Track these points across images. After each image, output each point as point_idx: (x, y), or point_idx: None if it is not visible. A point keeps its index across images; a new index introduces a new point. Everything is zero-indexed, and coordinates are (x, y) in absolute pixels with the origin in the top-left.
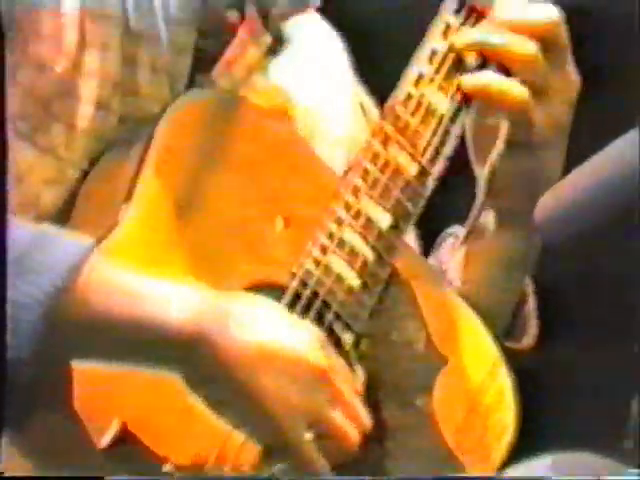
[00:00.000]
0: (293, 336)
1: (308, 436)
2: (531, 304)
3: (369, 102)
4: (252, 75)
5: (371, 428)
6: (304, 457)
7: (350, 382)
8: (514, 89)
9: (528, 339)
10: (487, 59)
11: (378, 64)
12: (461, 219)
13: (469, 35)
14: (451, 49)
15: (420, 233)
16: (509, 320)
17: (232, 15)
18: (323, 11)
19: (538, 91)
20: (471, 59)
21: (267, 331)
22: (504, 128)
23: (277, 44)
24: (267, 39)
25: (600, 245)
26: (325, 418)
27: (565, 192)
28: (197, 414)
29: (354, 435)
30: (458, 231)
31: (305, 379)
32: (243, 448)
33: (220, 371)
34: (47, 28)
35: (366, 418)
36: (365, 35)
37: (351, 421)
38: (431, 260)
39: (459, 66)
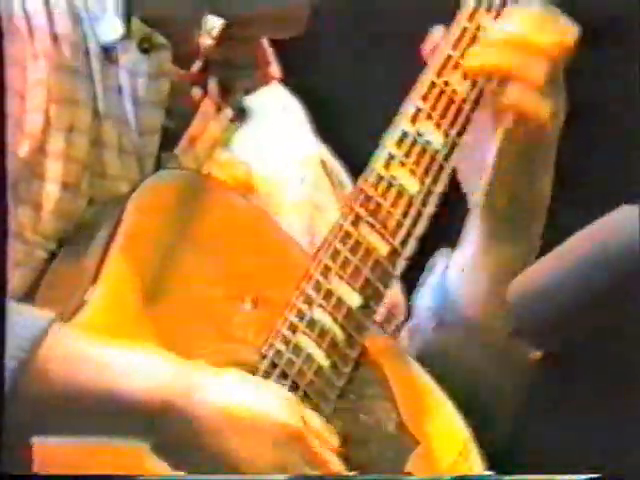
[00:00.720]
0: (261, 397)
1: None
2: None
3: (332, 161)
4: (215, 149)
5: None
6: None
7: (325, 439)
8: (543, 107)
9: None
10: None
11: (340, 130)
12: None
13: (481, 57)
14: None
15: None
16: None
17: (196, 92)
18: (285, 82)
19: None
20: (438, 139)
21: (234, 394)
22: (502, 139)
23: (239, 117)
24: (228, 113)
25: (571, 326)
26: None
27: (538, 274)
28: None
29: None
30: (447, 254)
31: (277, 439)
32: None
33: (189, 437)
34: (11, 112)
35: (343, 473)
36: (326, 104)
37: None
38: (424, 288)
39: (428, 149)
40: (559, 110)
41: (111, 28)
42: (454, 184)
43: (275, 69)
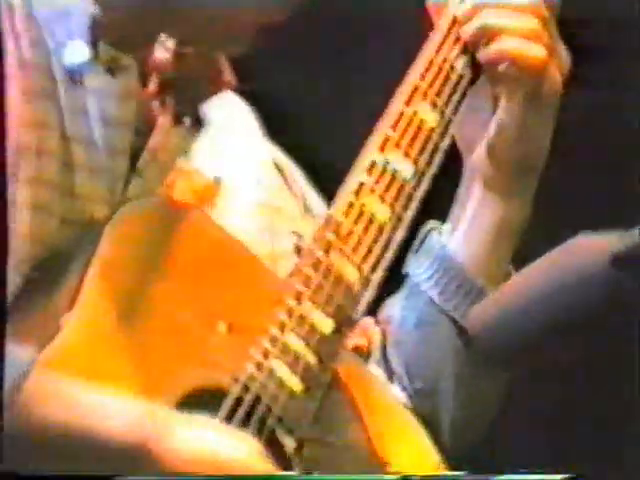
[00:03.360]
0: (230, 445)
1: None
2: None
3: (287, 163)
4: (176, 159)
5: None
6: None
7: None
8: (532, 49)
9: None
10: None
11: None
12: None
13: (477, 22)
14: (461, 38)
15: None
16: None
17: (155, 105)
18: (239, 90)
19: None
20: (407, 167)
21: (205, 441)
22: (503, 92)
23: (196, 126)
24: (186, 122)
25: (536, 351)
26: None
27: (502, 301)
28: None
29: None
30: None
31: None
32: None
33: (162, 474)
34: None
35: None
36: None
37: None
38: (412, 259)
39: (397, 177)
40: (558, 58)
41: (77, 52)
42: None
43: (229, 77)
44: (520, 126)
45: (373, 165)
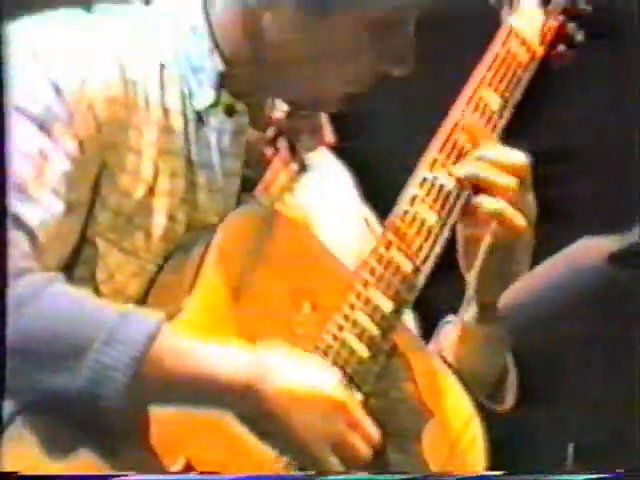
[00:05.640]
0: (315, 376)
1: (333, 459)
2: (511, 376)
3: (372, 217)
4: (283, 194)
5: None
6: (329, 469)
7: (362, 414)
8: (516, 218)
9: (507, 404)
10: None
11: (381, 187)
12: (455, 310)
13: (468, 169)
14: (451, 176)
15: (421, 321)
16: (491, 387)
17: (268, 150)
18: (335, 148)
19: (519, 209)
20: (450, 181)
21: (297, 378)
22: (487, 241)
23: (301, 171)
24: (294, 167)
25: (555, 325)
26: (345, 441)
27: (523, 287)
28: (246, 444)
29: (367, 451)
30: (453, 319)
31: (328, 412)
32: (285, 471)
33: (263, 411)
34: (130, 164)
35: (375, 436)
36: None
37: (365, 441)
38: (432, 345)
39: (442, 189)
40: (532, 217)
41: (205, 98)
42: None
43: (329, 135)
44: (497, 264)
45: (424, 180)
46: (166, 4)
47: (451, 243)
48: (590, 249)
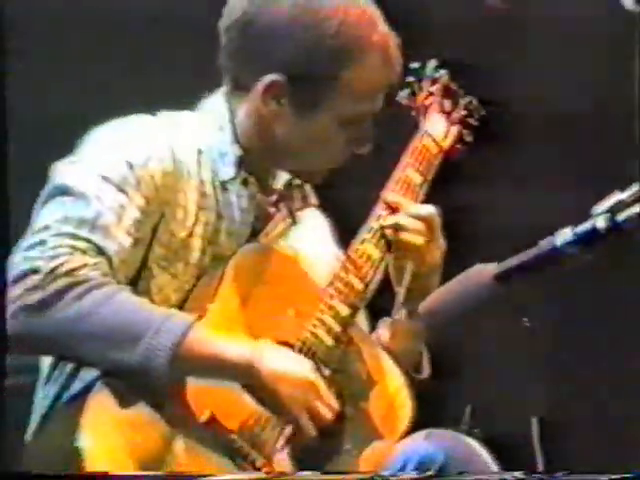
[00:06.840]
0: (297, 366)
1: (304, 415)
2: (426, 356)
3: (341, 254)
4: (280, 239)
5: (336, 415)
6: (303, 426)
7: (325, 389)
8: (422, 245)
9: (425, 375)
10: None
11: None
12: (389, 312)
13: (395, 219)
14: (381, 226)
15: (369, 320)
16: (414, 363)
17: (272, 209)
18: (320, 206)
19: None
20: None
21: (284, 363)
22: (409, 267)
23: (293, 224)
24: (289, 221)
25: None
26: (314, 407)
27: (434, 298)
28: (248, 405)
29: (329, 414)
30: (388, 319)
31: (303, 387)
32: (269, 421)
33: (260, 384)
34: (178, 215)
35: (335, 405)
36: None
37: (327, 408)
38: (374, 336)
39: (383, 234)
40: (438, 244)
41: (228, 174)
42: None
43: (313, 199)
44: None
45: (371, 229)
46: (204, 111)
47: (386, 269)
48: (481, 271)
